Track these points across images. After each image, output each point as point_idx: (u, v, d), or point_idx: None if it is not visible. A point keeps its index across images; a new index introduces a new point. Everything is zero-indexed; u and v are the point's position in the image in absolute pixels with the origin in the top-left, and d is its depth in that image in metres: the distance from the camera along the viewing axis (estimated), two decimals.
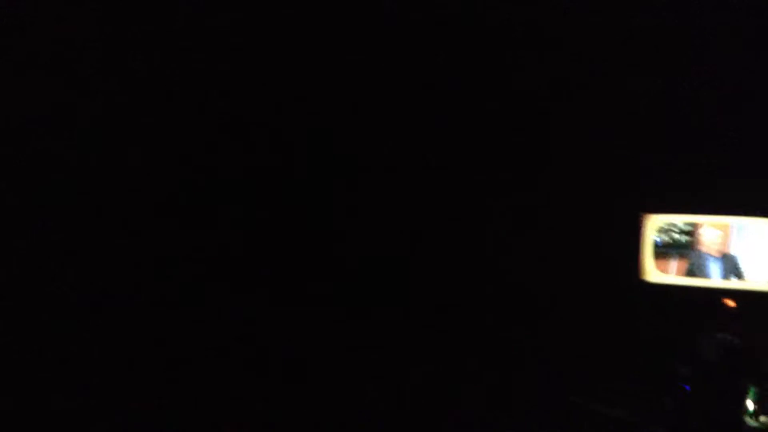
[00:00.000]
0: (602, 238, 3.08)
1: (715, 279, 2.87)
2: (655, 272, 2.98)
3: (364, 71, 3.13)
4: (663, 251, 2.97)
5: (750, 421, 2.58)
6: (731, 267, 2.84)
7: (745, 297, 2.77)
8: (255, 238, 3.13)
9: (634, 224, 2.99)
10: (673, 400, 2.72)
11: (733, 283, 2.82)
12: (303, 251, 3.18)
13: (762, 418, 2.58)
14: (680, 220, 2.94)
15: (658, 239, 2.98)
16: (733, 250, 2.83)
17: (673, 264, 2.95)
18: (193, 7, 2.89)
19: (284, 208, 3.17)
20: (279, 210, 3.16)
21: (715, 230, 2.88)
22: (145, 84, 2.93)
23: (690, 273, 2.92)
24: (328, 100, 3.15)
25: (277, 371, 3.05)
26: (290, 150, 3.19)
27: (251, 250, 3.12)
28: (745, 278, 2.80)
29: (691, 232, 2.92)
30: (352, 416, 2.96)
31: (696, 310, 2.86)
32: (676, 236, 2.95)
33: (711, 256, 2.88)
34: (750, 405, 2.60)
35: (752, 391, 2.60)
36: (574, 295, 3.13)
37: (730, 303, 2.82)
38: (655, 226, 2.99)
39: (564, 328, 3.10)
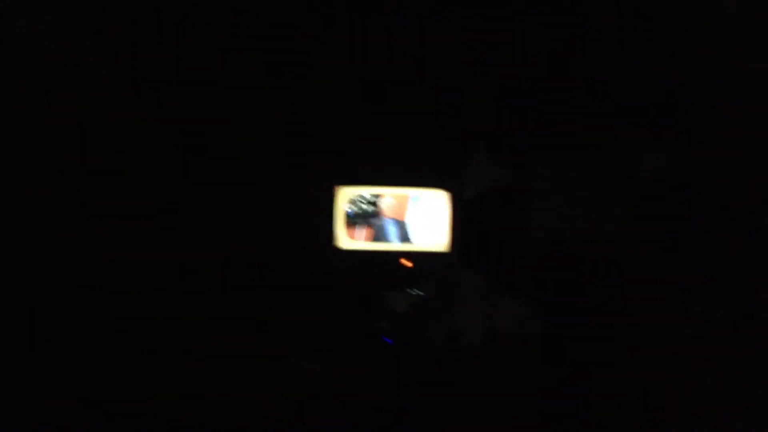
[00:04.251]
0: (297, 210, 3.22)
1: (394, 243, 3.30)
2: (345, 239, 3.26)
3: None
4: (353, 221, 3.28)
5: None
6: (405, 232, 3.30)
7: (421, 257, 3.27)
8: None
9: (327, 196, 3.21)
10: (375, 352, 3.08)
11: (408, 246, 3.30)
12: None
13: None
14: (367, 191, 3.28)
15: (349, 210, 3.26)
16: (407, 218, 3.30)
17: (362, 231, 3.28)
18: None
19: None
20: None
21: (393, 200, 3.30)
22: None
23: (376, 239, 3.29)
24: None
25: None
26: None
27: None
28: (415, 241, 3.29)
29: (375, 202, 3.29)
30: None
31: (383, 271, 3.26)
32: (364, 206, 3.28)
33: (390, 222, 3.30)
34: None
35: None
36: (273, 264, 3.21)
37: (407, 263, 3.29)
38: (345, 197, 3.26)
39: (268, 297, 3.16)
